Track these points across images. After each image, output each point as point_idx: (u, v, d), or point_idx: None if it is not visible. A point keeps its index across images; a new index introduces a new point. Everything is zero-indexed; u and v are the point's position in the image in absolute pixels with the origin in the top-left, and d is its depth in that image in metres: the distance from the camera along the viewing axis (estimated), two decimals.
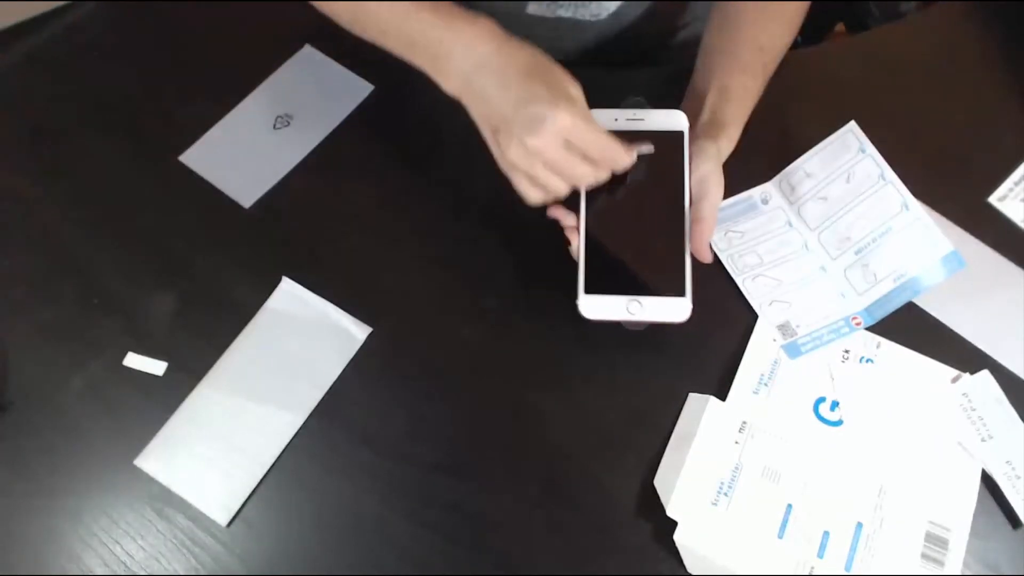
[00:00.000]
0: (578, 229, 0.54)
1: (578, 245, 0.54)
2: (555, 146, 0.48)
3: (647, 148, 0.53)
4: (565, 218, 0.55)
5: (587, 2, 0.70)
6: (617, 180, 0.53)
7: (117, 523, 0.54)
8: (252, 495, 0.55)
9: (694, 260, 0.53)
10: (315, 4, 0.59)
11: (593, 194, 0.54)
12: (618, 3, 0.71)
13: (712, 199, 0.54)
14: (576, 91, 0.50)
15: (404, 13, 0.54)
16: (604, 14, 0.72)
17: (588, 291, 0.52)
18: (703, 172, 0.54)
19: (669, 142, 0.54)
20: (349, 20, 0.58)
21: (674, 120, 0.55)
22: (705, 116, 0.58)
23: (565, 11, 0.71)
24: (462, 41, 0.51)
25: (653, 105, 0.57)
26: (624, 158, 0.51)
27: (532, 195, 0.52)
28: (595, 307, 0.52)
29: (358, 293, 0.61)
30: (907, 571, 0.52)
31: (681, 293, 0.51)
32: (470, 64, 0.51)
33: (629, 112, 0.56)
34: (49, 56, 0.73)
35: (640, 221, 0.54)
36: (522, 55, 0.51)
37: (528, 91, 0.49)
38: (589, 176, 0.51)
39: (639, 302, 0.52)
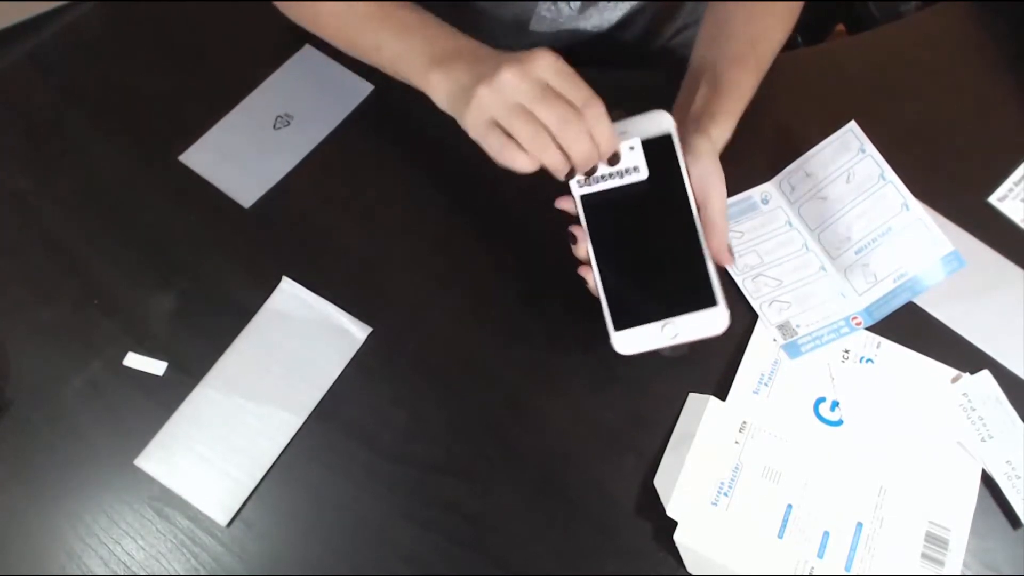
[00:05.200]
0: (589, 264, 0.50)
1: (594, 281, 0.50)
2: (531, 79, 0.46)
3: (634, 141, 0.50)
4: (579, 241, 0.51)
5: (590, 14, 0.70)
6: (618, 200, 0.50)
7: (117, 523, 0.54)
8: (252, 495, 0.55)
9: (717, 265, 0.50)
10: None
11: (596, 222, 0.50)
12: (621, 14, 0.71)
13: (717, 197, 0.51)
14: None
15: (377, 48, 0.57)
16: (606, 26, 0.72)
17: (618, 327, 0.49)
18: (701, 170, 0.51)
19: (659, 148, 0.51)
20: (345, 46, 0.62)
21: (659, 122, 0.51)
22: (695, 109, 0.55)
23: (568, 23, 0.71)
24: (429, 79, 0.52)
25: (639, 109, 0.53)
26: (608, 125, 0.47)
27: (498, 146, 0.47)
28: (630, 342, 0.49)
29: (358, 293, 0.62)
30: (907, 571, 0.52)
31: (713, 303, 0.48)
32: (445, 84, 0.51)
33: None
34: (49, 56, 0.73)
35: (651, 239, 0.51)
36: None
37: (491, 55, 0.50)
38: (572, 123, 0.46)
39: (673, 324, 0.48)
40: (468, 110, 0.48)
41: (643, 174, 0.50)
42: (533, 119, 0.46)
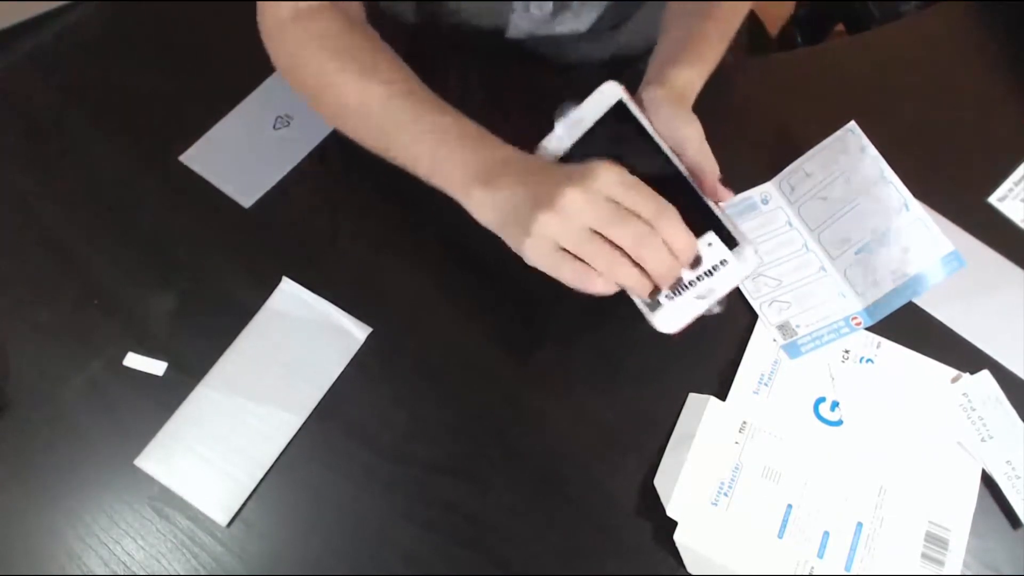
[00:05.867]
0: None
1: None
2: (599, 200, 0.43)
3: (710, 237, 0.48)
4: None
5: (564, 19, 0.70)
6: None
7: (117, 523, 0.54)
8: (252, 495, 0.55)
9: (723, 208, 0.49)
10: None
11: None
12: (596, 15, 0.71)
13: (691, 139, 0.48)
14: None
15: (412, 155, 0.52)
16: (583, 28, 0.72)
17: (654, 308, 0.48)
18: (664, 120, 0.49)
19: (618, 117, 0.49)
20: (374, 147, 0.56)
21: (608, 93, 0.49)
22: (653, 69, 0.53)
23: (542, 29, 0.71)
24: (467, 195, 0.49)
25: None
26: (685, 231, 0.45)
27: (574, 275, 0.45)
28: (670, 318, 0.48)
29: (358, 293, 0.61)
30: (907, 571, 0.52)
31: (733, 244, 0.47)
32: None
33: (566, 121, 0.51)
34: (49, 56, 0.73)
35: None
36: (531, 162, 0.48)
37: (548, 171, 0.46)
38: (648, 240, 0.44)
39: (705, 282, 0.47)
40: (530, 238, 0.44)
41: (733, 267, 0.47)
42: (606, 242, 0.44)
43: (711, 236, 0.47)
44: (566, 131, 0.50)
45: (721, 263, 0.47)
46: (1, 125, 0.69)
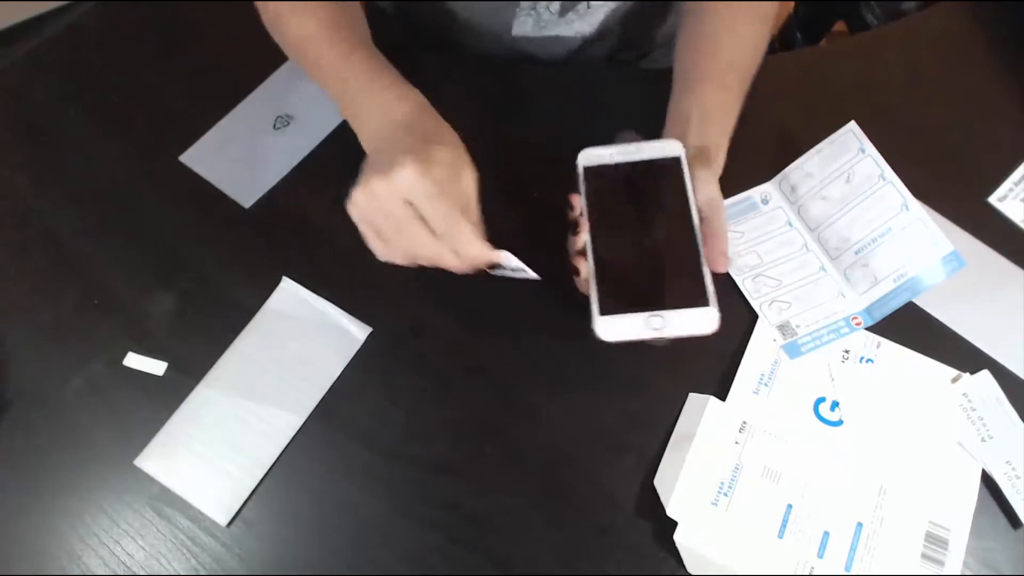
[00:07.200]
0: (584, 252, 0.51)
1: (587, 269, 0.50)
2: (395, 199, 0.48)
3: (510, 260, 0.52)
4: (580, 231, 0.52)
5: (571, 19, 0.70)
6: (620, 204, 0.52)
7: (117, 523, 0.54)
8: (252, 495, 0.55)
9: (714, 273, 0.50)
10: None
11: (597, 217, 0.51)
12: (603, 16, 0.71)
13: (721, 216, 0.52)
14: (449, 155, 0.51)
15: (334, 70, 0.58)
16: (589, 30, 0.72)
17: (604, 312, 0.48)
18: (707, 195, 0.52)
19: (667, 167, 0.53)
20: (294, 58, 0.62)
21: (670, 148, 0.53)
22: (693, 141, 0.56)
23: (550, 31, 0.71)
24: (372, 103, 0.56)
25: (645, 135, 0.55)
26: (475, 247, 0.50)
27: (375, 246, 0.52)
28: (614, 328, 0.48)
29: (358, 293, 0.62)
30: (907, 571, 0.52)
31: (704, 303, 0.48)
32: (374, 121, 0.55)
33: (623, 147, 0.53)
34: (49, 56, 0.73)
35: (649, 239, 0.51)
36: (407, 105, 0.54)
37: (399, 140, 0.52)
38: (430, 248, 0.50)
39: (661, 316, 0.48)
40: (350, 198, 0.51)
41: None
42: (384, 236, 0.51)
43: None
44: (618, 151, 0.53)
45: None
46: (1, 125, 0.69)
